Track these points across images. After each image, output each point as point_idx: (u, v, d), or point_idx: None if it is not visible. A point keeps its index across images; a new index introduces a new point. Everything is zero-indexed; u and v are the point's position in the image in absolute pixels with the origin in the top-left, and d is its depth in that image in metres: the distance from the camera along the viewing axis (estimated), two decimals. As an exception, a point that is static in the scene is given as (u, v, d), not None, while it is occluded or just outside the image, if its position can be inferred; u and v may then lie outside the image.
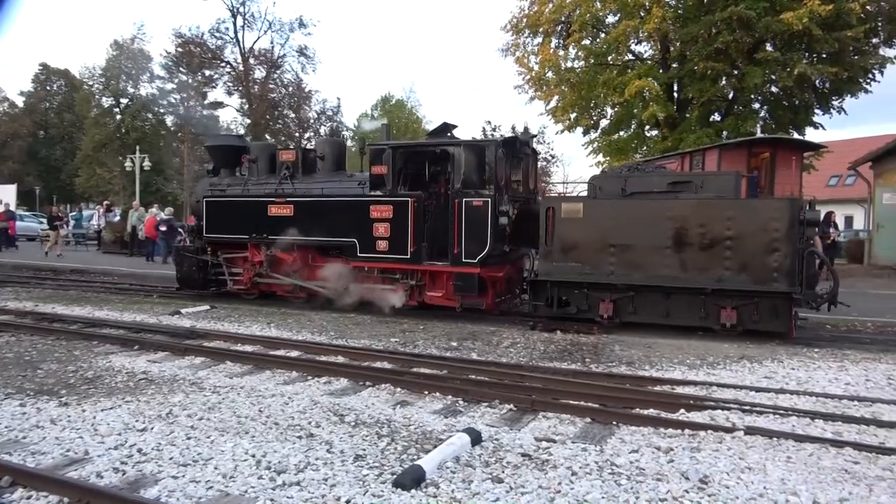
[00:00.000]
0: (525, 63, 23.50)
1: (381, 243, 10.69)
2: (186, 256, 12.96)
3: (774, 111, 20.08)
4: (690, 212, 9.09)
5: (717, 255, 8.90)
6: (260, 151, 12.85)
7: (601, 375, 6.97)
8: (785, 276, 8.58)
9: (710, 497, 3.85)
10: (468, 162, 10.09)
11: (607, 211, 9.62)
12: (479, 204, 9.95)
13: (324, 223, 11.26)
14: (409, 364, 7.37)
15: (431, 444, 4.71)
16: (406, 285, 10.74)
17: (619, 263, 9.42)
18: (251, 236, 12.10)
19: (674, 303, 9.32)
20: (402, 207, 10.52)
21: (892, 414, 5.57)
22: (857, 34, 17.21)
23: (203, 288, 13.03)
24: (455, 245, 10.11)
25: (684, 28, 19.23)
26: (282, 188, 11.82)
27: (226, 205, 12.50)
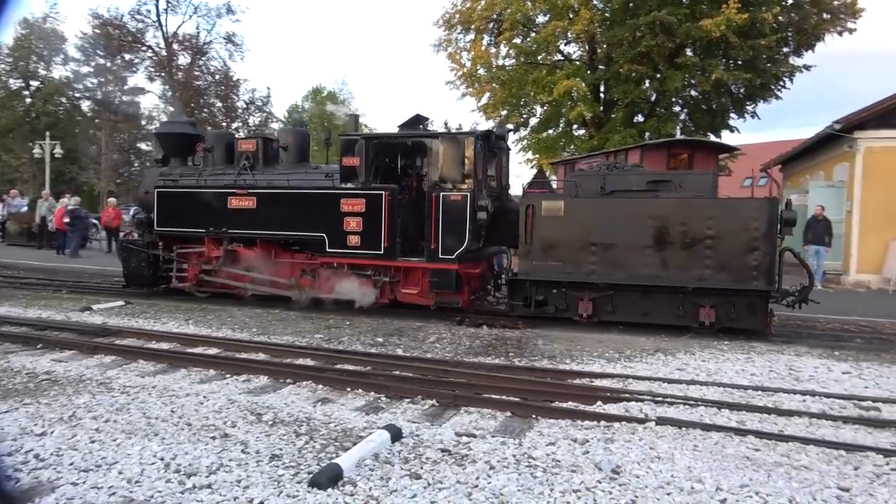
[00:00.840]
0: (457, 59, 23.62)
1: (352, 238, 10.23)
2: (135, 251, 12.07)
3: (693, 114, 20.97)
4: (672, 211, 9.10)
5: (698, 254, 8.96)
6: (216, 140, 12.13)
7: (523, 370, 7.08)
8: (764, 275, 8.74)
9: (622, 487, 3.96)
10: (446, 155, 9.80)
11: (588, 209, 9.53)
12: (458, 198, 9.69)
13: (290, 217, 10.68)
14: (332, 361, 7.26)
15: (351, 441, 4.64)
16: (378, 282, 10.36)
17: (601, 262, 9.34)
18: (208, 230, 11.34)
19: (652, 301, 9.33)
20: (375, 201, 10.10)
21: (791, 403, 5.91)
22: (769, 43, 18.18)
23: (153, 285, 12.18)
24: (432, 240, 9.81)
25: (610, 31, 19.79)
26: (242, 179, 11.17)
27: (180, 196, 11.62)
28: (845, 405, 5.86)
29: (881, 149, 15.11)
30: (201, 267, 11.59)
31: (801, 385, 6.54)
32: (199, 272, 11.64)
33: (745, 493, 3.89)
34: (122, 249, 12.48)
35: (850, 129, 15.42)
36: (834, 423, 5.30)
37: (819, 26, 19.35)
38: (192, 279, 11.75)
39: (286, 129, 12.07)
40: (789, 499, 3.82)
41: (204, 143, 12.06)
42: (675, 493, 3.87)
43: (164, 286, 12.20)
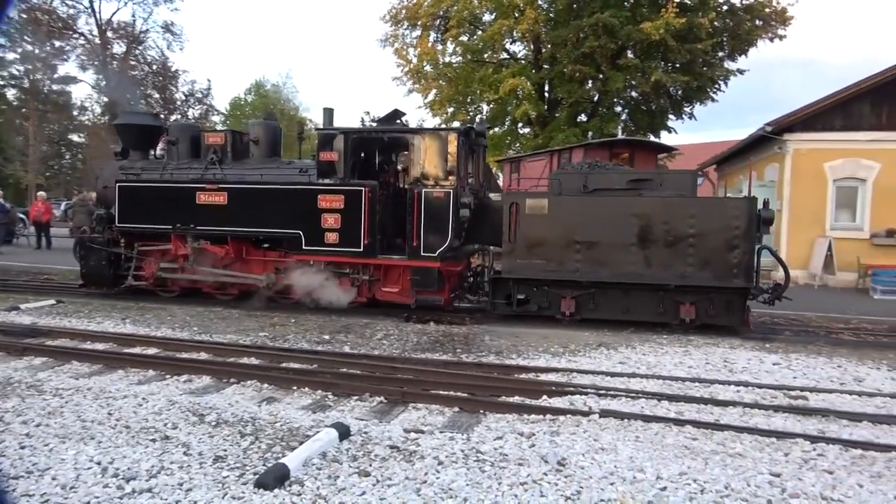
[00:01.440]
0: (404, 55, 23.56)
1: (330, 235, 9.93)
2: (94, 249, 11.34)
3: (634, 115, 21.55)
4: (656, 209, 9.17)
5: (681, 252, 9.07)
6: (181, 132, 11.59)
7: (471, 365, 7.14)
8: (744, 273, 8.92)
9: (567, 478, 4.05)
10: (429, 151, 9.66)
11: (573, 207, 9.50)
12: (441, 195, 9.55)
13: (264, 213, 10.27)
14: (277, 359, 7.15)
15: (298, 440, 4.58)
16: (357, 280, 10.13)
17: (585, 260, 9.34)
18: (175, 227, 10.76)
19: (633, 299, 9.41)
20: (355, 197, 9.82)
21: (726, 393, 6.16)
22: (705, 47, 18.86)
23: (112, 285, 11.50)
24: (414, 238, 9.63)
25: (555, 31, 20.11)
26: (210, 174, 10.68)
27: (144, 191, 11.02)
28: (776, 395, 6.16)
29: (808, 150, 15.90)
30: (160, 265, 11.02)
31: (735, 376, 6.83)
32: (156, 270, 11.08)
33: (684, 480, 4.04)
34: (79, 247, 11.71)
35: (780, 132, 16.15)
36: (766, 412, 5.56)
37: (752, 32, 20.19)
38: (150, 278, 11.20)
39: (257, 122, 11.58)
40: (725, 485, 3.98)
41: (168, 136, 11.52)
42: (618, 483, 3.98)
43: (125, 286, 11.55)
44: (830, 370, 7.17)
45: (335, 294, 10.04)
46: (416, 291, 9.83)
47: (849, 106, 15.81)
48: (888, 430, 5.21)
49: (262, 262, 10.76)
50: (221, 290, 11.10)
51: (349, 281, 10.14)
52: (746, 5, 20.37)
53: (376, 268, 10.13)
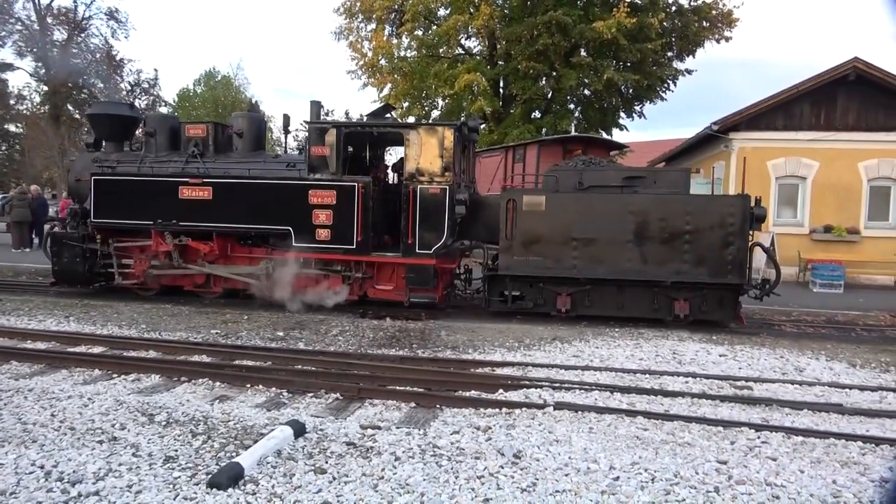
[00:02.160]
0: (358, 48, 23.35)
1: (321, 232, 9.71)
2: (67, 245, 10.76)
3: (587, 112, 21.90)
4: (652, 206, 9.26)
5: (677, 248, 9.18)
6: (159, 124, 11.12)
7: (427, 360, 7.15)
8: (738, 269, 9.10)
9: (523, 470, 4.10)
10: (425, 146, 9.51)
11: (570, 204, 9.47)
12: (437, 191, 9.43)
13: (251, 209, 9.98)
14: (230, 356, 7.02)
15: (252, 439, 4.51)
16: (349, 278, 9.91)
17: (582, 257, 9.36)
18: (156, 222, 10.32)
19: (628, 296, 9.49)
20: (347, 193, 9.61)
21: (675, 384, 6.34)
22: (655, 47, 19.29)
23: (87, 283, 11.00)
24: (409, 235, 9.49)
25: (509, 27, 20.24)
26: (192, 167, 10.29)
27: (122, 185, 10.49)
28: (722, 385, 6.37)
29: (752, 149, 16.45)
30: (150, 262, 10.55)
31: (684, 367, 7.04)
32: (146, 268, 10.57)
33: (636, 470, 4.14)
34: (52, 243, 11.06)
35: (726, 131, 16.66)
36: (713, 402, 5.75)
37: (699, 33, 20.75)
38: (140, 276, 10.67)
39: (241, 114, 11.18)
40: (674, 473, 4.10)
41: (145, 127, 11.00)
42: (573, 474, 4.06)
43: (100, 283, 11.06)
44: (773, 361, 7.45)
45: (326, 292, 9.83)
46: (411, 289, 9.69)
47: (790, 107, 16.43)
48: (827, 417, 5.46)
49: (248, 260, 10.46)
50: (205, 288, 10.70)
51: (340, 279, 9.90)
52: (694, 7, 20.92)
53: (369, 265, 9.95)
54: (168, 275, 10.62)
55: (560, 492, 3.80)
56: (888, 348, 8.48)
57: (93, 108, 11.88)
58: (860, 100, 16.16)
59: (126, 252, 10.84)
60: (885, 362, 7.64)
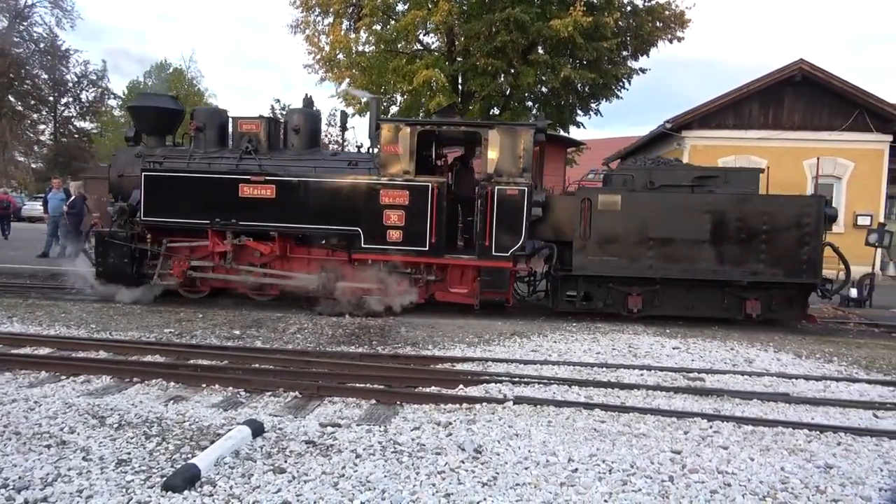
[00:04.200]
0: (315, 42, 23.02)
1: (393, 233, 9.43)
2: (114, 245, 10.12)
3: (544, 109, 22.08)
4: (729, 206, 9.26)
5: (753, 248, 9.20)
6: (208, 118, 10.60)
7: (387, 357, 7.13)
8: (812, 269, 9.18)
9: (483, 465, 4.13)
10: (503, 146, 9.32)
11: (646, 203, 9.41)
12: (515, 193, 9.23)
13: (318, 208, 9.60)
14: (184, 356, 6.86)
15: (209, 440, 4.42)
16: (420, 280, 9.69)
17: (658, 257, 9.32)
18: (214, 222, 9.88)
19: (697, 295, 9.52)
20: (421, 194, 9.34)
21: (631, 377, 6.49)
22: (611, 46, 19.57)
23: (136, 284, 10.26)
24: (486, 237, 9.29)
25: (468, 24, 20.25)
26: (249, 164, 9.85)
27: (176, 182, 9.96)
28: (676, 377, 6.54)
29: (703, 146, 16.92)
30: (190, 263, 10.10)
31: (639, 360, 7.20)
32: (186, 269, 10.10)
33: (594, 462, 4.22)
34: (98, 242, 10.32)
35: (679, 129, 17.09)
36: (667, 394, 5.90)
37: (653, 33, 21.13)
38: (179, 276, 10.16)
39: (297, 110, 10.73)
40: (631, 464, 4.20)
41: (194, 121, 10.46)
42: (532, 467, 4.11)
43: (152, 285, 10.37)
44: (724, 353, 7.69)
45: (395, 295, 9.57)
46: (486, 292, 9.58)
47: (740, 106, 16.95)
48: (775, 406, 5.66)
49: (307, 261, 10.08)
50: (259, 291, 10.32)
51: (410, 281, 9.67)
52: (648, 7, 21.29)
53: (439, 268, 9.75)
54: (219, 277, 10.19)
55: (520, 485, 3.84)
56: (831, 339, 8.84)
57: (135, 101, 11.17)
58: (806, 100, 16.80)
59: (175, 253, 10.29)
60: (829, 353, 7.97)
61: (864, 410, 5.64)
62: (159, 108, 10.74)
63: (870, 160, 16.62)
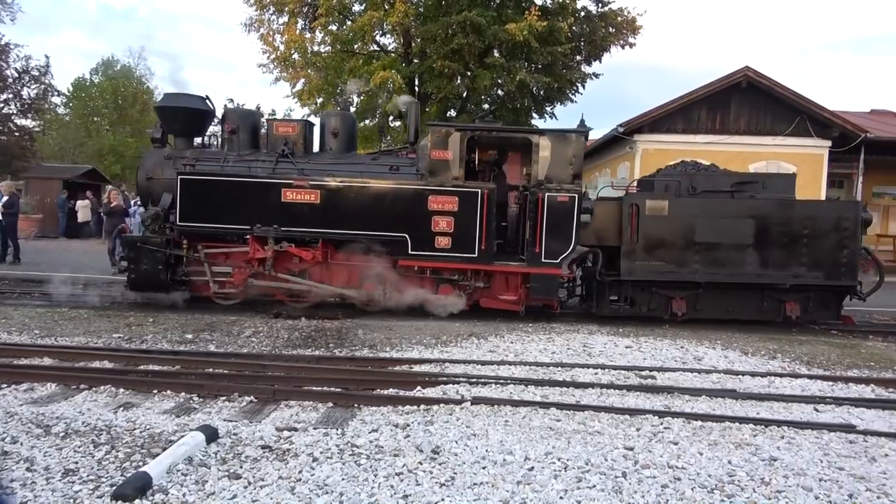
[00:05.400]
0: (270, 41, 22.71)
1: (441, 240, 9.31)
2: (147, 251, 9.63)
3: (500, 112, 22.29)
4: (773, 211, 9.51)
5: (795, 252, 9.47)
6: (241, 120, 10.21)
7: (344, 360, 7.09)
8: (850, 272, 9.49)
9: (441, 465, 4.16)
10: (554, 153, 9.27)
11: (692, 209, 9.56)
12: (565, 199, 9.18)
13: (364, 214, 9.40)
14: (135, 361, 6.67)
15: (161, 447, 4.32)
16: (469, 287, 9.59)
17: (704, 261, 9.50)
18: (256, 227, 9.54)
19: (736, 298, 9.73)
20: (470, 200, 9.26)
21: (585, 376, 6.61)
22: (565, 50, 19.90)
23: (167, 291, 9.83)
24: (536, 244, 9.24)
25: (424, 26, 20.29)
26: (290, 168, 9.58)
27: (215, 186, 9.59)
28: (629, 375, 6.70)
29: (654, 150, 17.36)
30: (251, 270, 9.75)
31: (594, 360, 7.34)
32: (247, 277, 9.77)
33: (550, 459, 4.30)
34: (128, 248, 9.82)
35: (630, 133, 17.49)
36: (620, 392, 6.04)
37: (606, 39, 21.57)
38: (240, 285, 9.81)
39: (335, 112, 10.44)
40: (586, 461, 4.28)
41: (227, 122, 10.09)
42: (490, 466, 4.16)
43: (182, 291, 9.98)
44: (675, 351, 7.90)
45: (446, 302, 9.52)
46: (535, 299, 9.60)
47: (689, 111, 17.46)
48: (723, 402, 5.86)
49: (347, 268, 9.85)
50: (297, 297, 9.99)
51: (458, 288, 9.63)
52: (601, 13, 21.73)
53: (486, 274, 9.68)
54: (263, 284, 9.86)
55: (478, 484, 3.88)
56: (775, 337, 9.19)
57: (162, 101, 10.67)
58: (751, 106, 17.41)
59: (213, 259, 9.95)
60: (773, 349, 8.28)
61: (806, 405, 5.88)
62: (189, 108, 10.33)
63: (811, 164, 17.32)
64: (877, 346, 8.96)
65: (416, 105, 10.40)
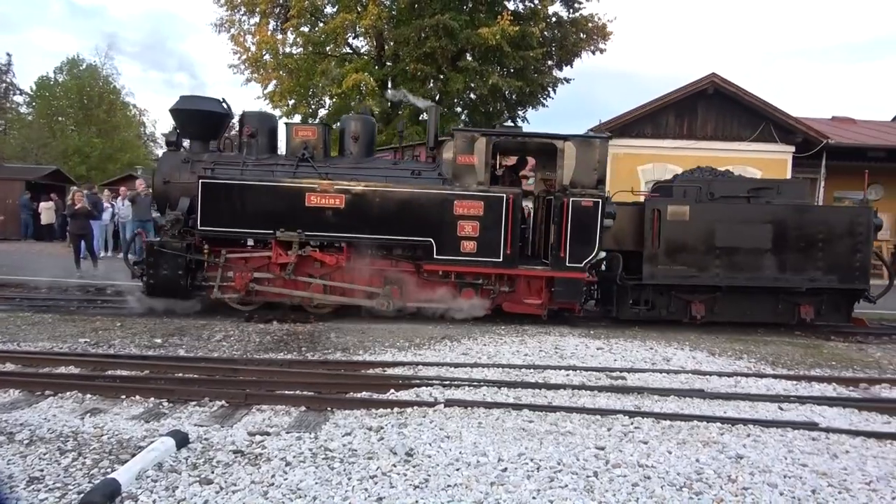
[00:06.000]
0: (241, 42, 22.53)
1: (467, 244, 9.35)
2: (168, 256, 9.42)
3: (473, 115, 22.43)
4: (790, 216, 9.69)
5: (811, 256, 9.66)
6: (259, 123, 10.08)
7: (317, 363, 7.05)
8: (863, 275, 9.72)
9: (415, 468, 4.17)
10: (579, 158, 9.37)
11: (712, 214, 9.72)
12: (589, 204, 9.31)
13: (390, 219, 9.37)
14: (102, 367, 6.54)
15: (129, 453, 4.25)
16: (493, 292, 9.64)
17: (724, 266, 9.65)
18: (279, 231, 9.42)
19: (753, 301, 9.90)
20: (496, 204, 9.32)
21: (557, 377, 6.68)
22: (537, 55, 20.12)
23: (187, 297, 9.72)
24: (561, 248, 9.35)
25: (397, 29, 20.33)
26: (301, 172, 9.52)
27: (239, 190, 9.45)
28: (600, 376, 6.78)
29: (624, 155, 17.60)
30: (252, 274, 9.60)
31: (565, 361, 7.42)
32: (248, 281, 9.59)
33: (522, 460, 4.34)
34: (149, 253, 9.56)
35: (601, 137, 17.66)
36: (591, 393, 6.11)
37: (577, 44, 21.89)
38: (241, 289, 9.62)
39: (354, 117, 10.37)
40: (558, 461, 4.33)
41: (246, 126, 9.93)
42: (463, 468, 4.18)
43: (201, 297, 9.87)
44: (644, 352, 8.03)
45: (471, 307, 9.57)
46: (556, 303, 9.70)
47: (657, 116, 17.74)
48: (691, 402, 5.97)
49: (368, 272, 9.71)
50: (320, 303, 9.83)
51: (482, 292, 9.66)
52: (572, 19, 22.04)
53: (510, 278, 9.72)
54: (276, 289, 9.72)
55: (451, 486, 3.90)
56: (741, 338, 9.39)
57: (178, 103, 10.36)
58: (717, 111, 17.77)
59: (233, 265, 9.77)
60: (739, 350, 8.47)
61: (771, 403, 6.03)
62: (206, 111, 10.15)
63: (775, 169, 17.72)
64: (838, 346, 9.22)
65: (435, 109, 10.52)
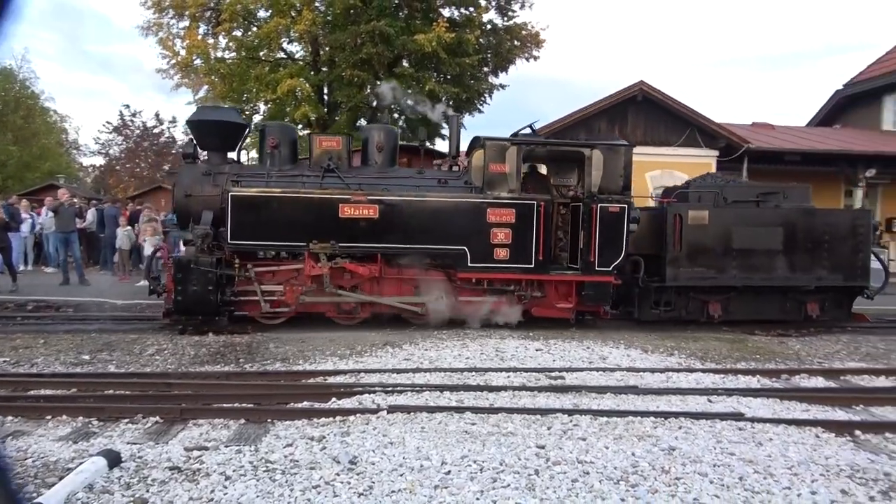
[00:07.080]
0: (170, 46, 21.81)
1: (500, 251, 9.45)
2: (197, 272, 8.99)
3: (410, 121, 22.46)
4: (800, 219, 10.30)
5: (817, 256, 10.23)
6: (281, 135, 9.90)
7: (255, 374, 6.93)
8: (864, 274, 10.33)
9: (359, 476, 4.15)
10: (607, 165, 9.60)
11: (729, 218, 10.21)
12: (616, 210, 9.55)
13: (423, 228, 9.40)
14: (24, 386, 6.22)
15: (57, 476, 4.06)
16: (525, 297, 9.77)
17: (740, 267, 10.13)
18: (312, 243, 9.25)
19: (763, 300, 10.41)
20: (527, 211, 9.48)
21: (499, 379, 6.77)
22: (472, 62, 20.34)
23: (216, 314, 9.34)
24: (591, 253, 9.57)
25: (333, 34, 20.16)
26: (327, 183, 9.42)
27: (270, 202, 9.23)
28: (539, 377, 6.92)
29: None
30: (303, 288, 9.45)
31: (506, 363, 7.53)
32: (299, 294, 9.45)
33: (466, 462, 4.39)
34: (177, 269, 9.10)
35: (537, 142, 18.01)
36: (532, 393, 6.23)
37: (511, 51, 22.25)
38: (293, 302, 9.44)
39: (378, 126, 10.19)
40: (500, 461, 4.40)
41: (270, 137, 9.65)
42: (407, 473, 4.19)
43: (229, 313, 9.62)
44: (582, 352, 8.24)
45: (506, 313, 9.73)
46: (585, 306, 9.97)
47: (590, 122, 18.24)
48: (626, 398, 6.17)
49: (398, 282, 9.77)
50: (349, 314, 9.75)
51: (513, 298, 9.80)
52: (507, 26, 22.40)
53: (540, 284, 9.82)
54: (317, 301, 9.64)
55: (396, 491, 3.91)
56: (673, 334, 9.77)
57: (195, 114, 9.91)
58: (646, 117, 18.42)
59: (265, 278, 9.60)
60: (671, 347, 8.81)
61: (700, 396, 6.30)
62: (224, 122, 9.84)
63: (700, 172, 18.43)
64: (761, 340, 9.71)
65: (456, 118, 10.56)
